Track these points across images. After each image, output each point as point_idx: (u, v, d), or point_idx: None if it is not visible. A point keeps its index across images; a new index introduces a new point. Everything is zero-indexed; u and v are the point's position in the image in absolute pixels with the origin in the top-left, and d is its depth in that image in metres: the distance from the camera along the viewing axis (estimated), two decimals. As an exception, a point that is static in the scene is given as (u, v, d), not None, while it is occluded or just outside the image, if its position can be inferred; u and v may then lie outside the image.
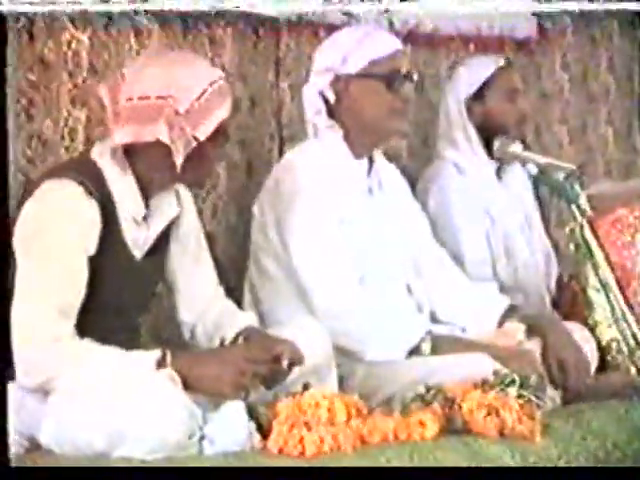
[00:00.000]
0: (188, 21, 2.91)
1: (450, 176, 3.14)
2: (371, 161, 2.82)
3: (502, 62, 3.20)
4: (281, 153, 3.16)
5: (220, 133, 2.31)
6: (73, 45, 2.65)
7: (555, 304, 3.25)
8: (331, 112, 2.74)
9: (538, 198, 3.34)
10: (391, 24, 3.32)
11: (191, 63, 2.34)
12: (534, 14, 3.70)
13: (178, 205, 2.42)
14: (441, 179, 3.14)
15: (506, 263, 3.14)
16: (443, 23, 3.50)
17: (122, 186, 2.29)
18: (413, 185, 3.09)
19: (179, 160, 2.24)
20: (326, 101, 2.74)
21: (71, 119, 2.64)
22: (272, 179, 2.77)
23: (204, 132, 2.26)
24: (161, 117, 2.23)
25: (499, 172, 3.21)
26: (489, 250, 3.13)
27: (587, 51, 4.04)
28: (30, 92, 2.56)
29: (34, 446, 2.14)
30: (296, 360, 2.31)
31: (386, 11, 3.03)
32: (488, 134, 3.13)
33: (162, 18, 2.83)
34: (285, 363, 2.28)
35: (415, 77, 2.77)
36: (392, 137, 2.89)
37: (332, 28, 3.06)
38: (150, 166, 2.30)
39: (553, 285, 3.28)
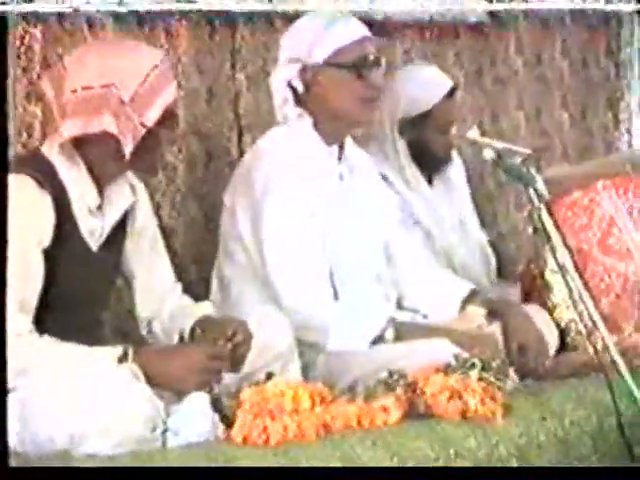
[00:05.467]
0: (143, 15, 2.90)
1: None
2: (341, 147, 2.79)
3: (450, 86, 3.12)
4: (240, 143, 3.15)
5: (169, 117, 2.28)
6: (26, 40, 2.64)
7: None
8: (299, 101, 2.71)
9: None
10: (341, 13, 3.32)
11: (132, 49, 2.32)
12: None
13: (132, 195, 2.40)
14: None
15: (446, 264, 3.15)
16: (395, 11, 3.50)
17: (74, 177, 2.27)
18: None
19: (128, 149, 2.22)
20: (294, 90, 2.70)
21: (27, 115, 2.63)
22: (243, 167, 2.74)
23: (151, 118, 2.23)
24: (106, 108, 2.21)
25: (430, 179, 3.21)
26: (427, 255, 3.12)
27: (540, 34, 4.06)
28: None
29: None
30: (246, 337, 2.31)
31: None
32: (416, 150, 3.12)
33: (116, 12, 2.83)
34: (239, 338, 2.30)
35: (383, 63, 2.71)
36: (363, 125, 2.87)
37: (287, 17, 3.06)
38: (101, 156, 2.28)
39: (493, 278, 3.30)
